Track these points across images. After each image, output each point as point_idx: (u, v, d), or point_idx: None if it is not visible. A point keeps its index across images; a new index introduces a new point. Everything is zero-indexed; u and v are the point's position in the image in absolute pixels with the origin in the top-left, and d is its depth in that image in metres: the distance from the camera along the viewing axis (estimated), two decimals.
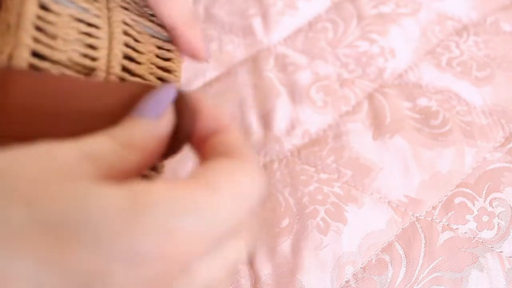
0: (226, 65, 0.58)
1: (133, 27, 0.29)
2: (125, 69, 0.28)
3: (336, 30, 0.60)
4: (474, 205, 0.45)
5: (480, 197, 0.46)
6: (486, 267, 0.42)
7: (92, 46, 0.27)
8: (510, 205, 0.45)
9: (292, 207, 0.46)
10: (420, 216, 0.45)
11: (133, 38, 0.29)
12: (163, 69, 0.30)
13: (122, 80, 0.28)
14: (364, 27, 0.60)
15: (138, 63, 0.29)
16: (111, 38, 0.28)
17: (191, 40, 0.32)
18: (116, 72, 0.27)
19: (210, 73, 0.58)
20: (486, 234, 0.44)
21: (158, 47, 0.31)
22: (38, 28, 0.25)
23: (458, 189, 0.46)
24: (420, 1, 0.62)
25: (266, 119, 0.53)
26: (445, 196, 0.46)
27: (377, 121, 0.51)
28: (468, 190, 0.46)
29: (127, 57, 0.28)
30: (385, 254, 0.43)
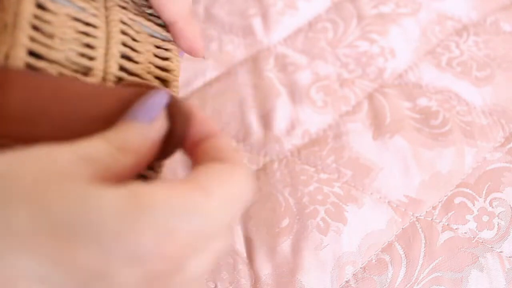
0: (226, 65, 0.58)
1: (131, 27, 0.29)
2: (122, 68, 0.28)
3: (336, 30, 0.60)
4: (474, 205, 0.45)
5: (480, 197, 0.45)
6: (486, 267, 0.42)
7: (90, 45, 0.27)
8: (510, 205, 0.45)
9: (292, 207, 0.46)
10: (420, 216, 0.45)
11: (131, 37, 0.29)
12: (161, 69, 0.30)
13: (119, 79, 0.28)
14: (364, 27, 0.60)
15: (136, 63, 0.29)
16: (108, 38, 0.28)
17: (189, 35, 0.32)
18: (114, 71, 0.27)
19: (210, 73, 0.58)
20: (486, 234, 0.44)
21: (157, 46, 0.31)
22: (35, 27, 0.25)
23: (458, 189, 0.46)
24: (420, 1, 0.62)
25: (266, 119, 0.53)
26: (445, 196, 0.46)
27: (377, 121, 0.51)
28: (468, 190, 0.46)
29: (124, 56, 0.28)
30: (385, 254, 0.43)
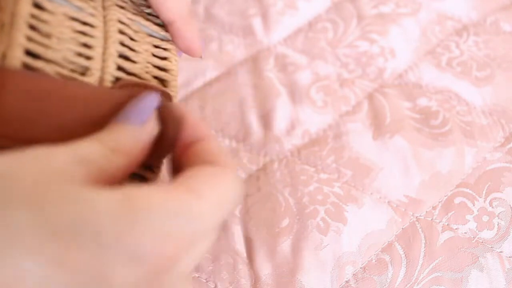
0: (226, 65, 0.58)
1: (129, 26, 0.29)
2: (120, 68, 0.28)
3: (336, 30, 0.60)
4: (474, 205, 0.45)
5: (480, 197, 0.45)
6: (486, 267, 0.42)
7: (87, 45, 0.27)
8: (510, 205, 0.45)
9: (292, 207, 0.46)
10: (420, 216, 0.45)
11: (129, 37, 0.29)
12: (160, 68, 0.30)
13: (117, 79, 0.28)
14: (364, 27, 0.60)
15: (134, 62, 0.29)
16: (106, 37, 0.28)
17: (187, 35, 0.32)
18: (111, 71, 0.27)
19: (210, 73, 0.58)
20: (486, 234, 0.44)
21: (155, 46, 0.31)
22: (32, 27, 0.25)
23: (458, 189, 0.46)
24: (420, 1, 0.62)
25: (266, 119, 0.53)
26: (445, 196, 0.46)
27: (377, 121, 0.51)
28: (468, 190, 0.46)
29: (122, 56, 0.28)
30: (385, 254, 0.43)
